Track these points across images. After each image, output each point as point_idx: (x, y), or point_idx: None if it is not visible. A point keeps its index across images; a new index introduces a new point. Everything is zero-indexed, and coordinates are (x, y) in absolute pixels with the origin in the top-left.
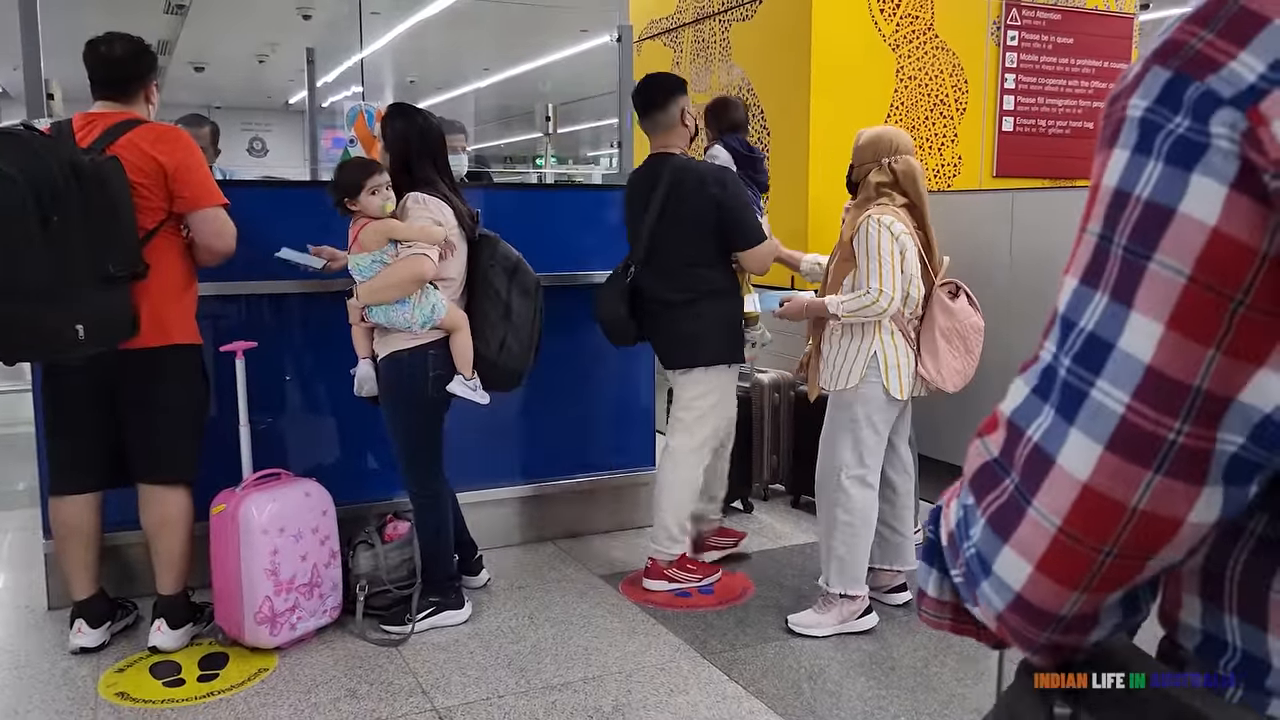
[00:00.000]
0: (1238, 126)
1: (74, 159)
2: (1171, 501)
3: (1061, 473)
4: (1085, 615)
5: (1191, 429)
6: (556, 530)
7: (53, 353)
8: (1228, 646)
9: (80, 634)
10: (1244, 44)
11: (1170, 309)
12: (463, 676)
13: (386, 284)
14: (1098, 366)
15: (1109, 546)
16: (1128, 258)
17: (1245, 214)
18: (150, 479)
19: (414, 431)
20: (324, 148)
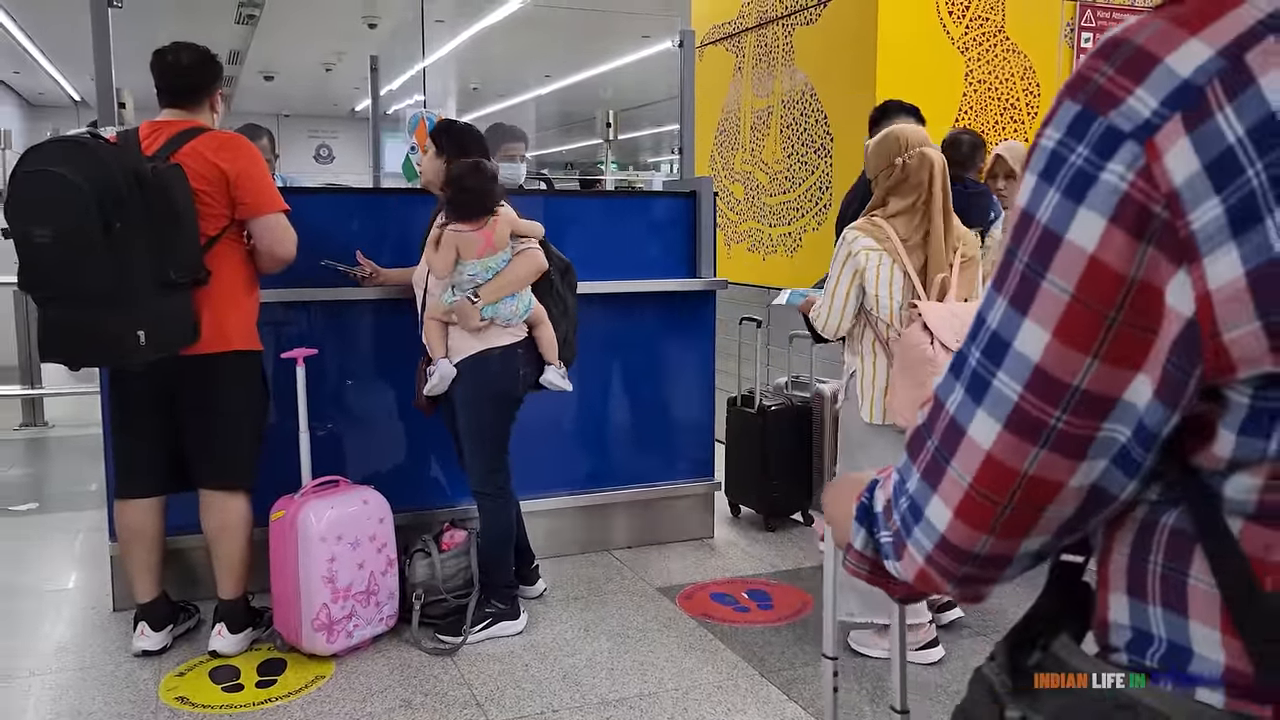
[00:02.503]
0: (1135, 163)
1: (137, 167)
2: (1054, 470)
3: (971, 442)
4: (997, 555)
5: (1070, 418)
6: (613, 541)
7: (115, 358)
8: (1154, 638)
9: (143, 637)
10: (1140, 80)
11: (1055, 321)
12: (517, 689)
13: (516, 278)
14: (999, 360)
15: (1007, 501)
16: (1026, 273)
17: (1119, 245)
18: (210, 484)
19: (493, 430)
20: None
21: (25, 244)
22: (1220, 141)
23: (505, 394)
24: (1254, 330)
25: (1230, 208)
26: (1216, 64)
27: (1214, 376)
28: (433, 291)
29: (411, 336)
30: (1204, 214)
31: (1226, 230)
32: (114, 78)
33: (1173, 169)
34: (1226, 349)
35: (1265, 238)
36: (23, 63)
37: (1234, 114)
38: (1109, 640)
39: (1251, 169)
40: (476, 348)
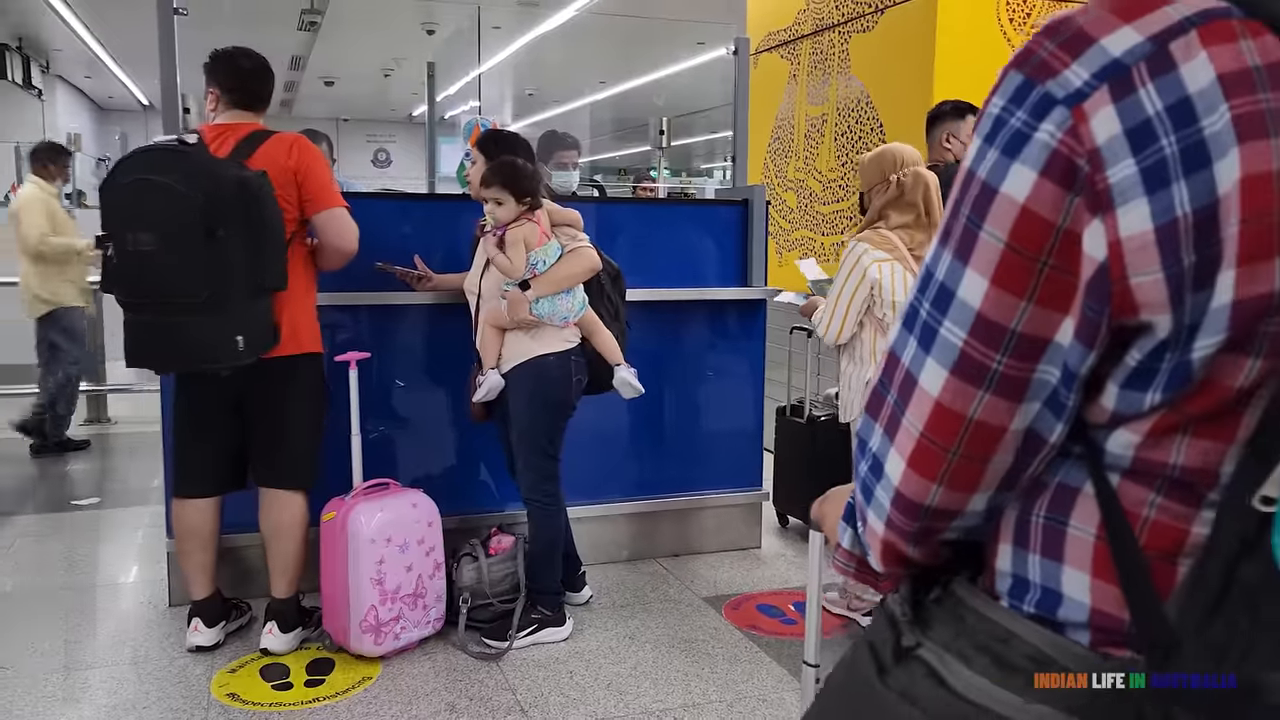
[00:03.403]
0: (1064, 123)
1: (239, 174)
2: (996, 413)
3: (922, 391)
4: (948, 510)
5: (1010, 360)
6: (660, 549)
7: (212, 362)
8: (1030, 585)
9: (197, 632)
10: (1076, 56)
11: (993, 268)
12: (561, 696)
13: (570, 274)
14: (945, 309)
15: (955, 447)
16: (967, 225)
17: (1047, 195)
18: (273, 484)
19: (546, 435)
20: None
21: (125, 251)
22: (1141, 112)
23: (559, 400)
24: (1157, 279)
25: (1144, 169)
26: (1144, 48)
27: (1119, 316)
28: (487, 298)
29: (463, 342)
30: (1120, 171)
31: (1140, 187)
32: (179, 83)
33: (1096, 130)
34: (1132, 292)
35: (1172, 200)
36: (94, 68)
37: (1155, 91)
38: (994, 587)
39: (1166, 139)
40: (532, 353)
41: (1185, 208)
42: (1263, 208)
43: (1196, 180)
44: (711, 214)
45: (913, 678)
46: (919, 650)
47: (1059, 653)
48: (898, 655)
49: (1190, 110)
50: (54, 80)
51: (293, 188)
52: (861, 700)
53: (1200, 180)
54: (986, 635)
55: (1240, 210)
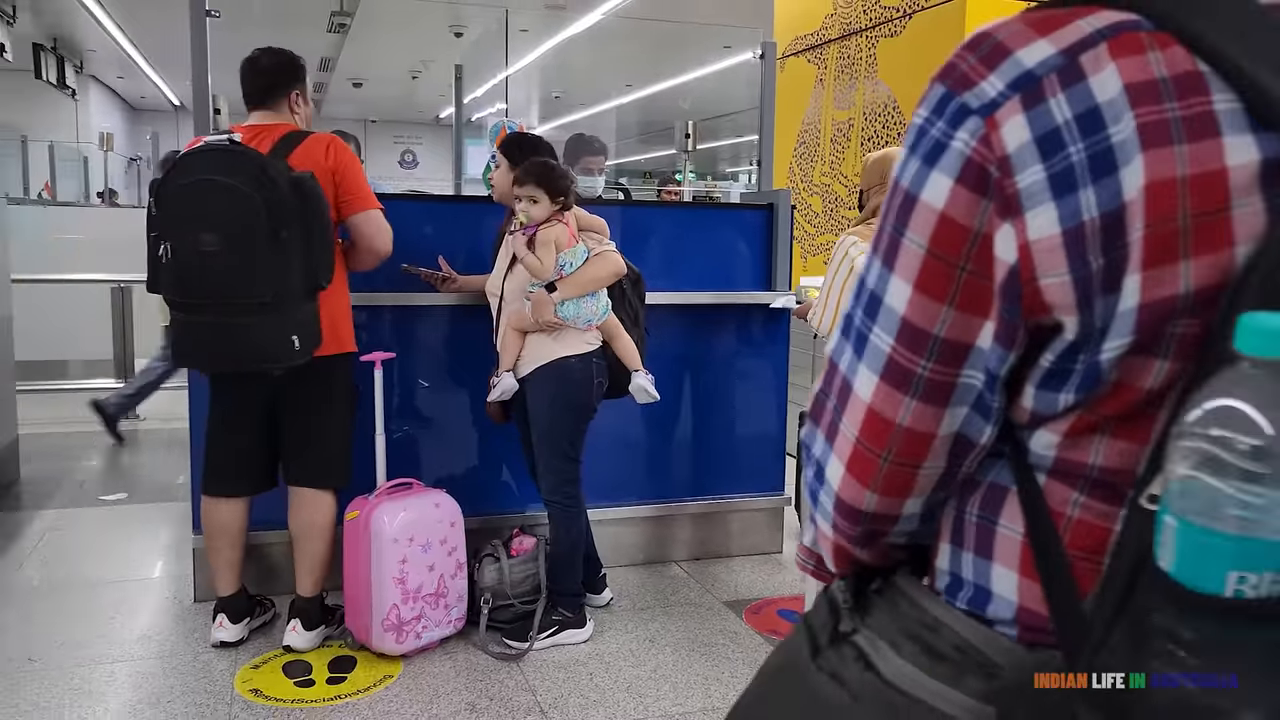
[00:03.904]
0: (977, 132)
1: (293, 175)
2: (924, 420)
3: (856, 397)
4: (886, 515)
5: (934, 365)
6: (680, 553)
7: (268, 362)
8: (964, 583)
9: (221, 628)
10: (993, 68)
11: (915, 274)
12: (581, 698)
13: (595, 278)
14: (874, 316)
15: (885, 453)
16: (893, 233)
17: (963, 201)
18: (305, 483)
19: (567, 437)
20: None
21: (187, 250)
22: (1050, 121)
23: (581, 402)
24: (1065, 281)
25: (1052, 175)
26: (1056, 60)
27: (1030, 316)
28: (509, 300)
29: (485, 343)
30: (1028, 176)
31: (1047, 192)
32: (210, 84)
33: (1007, 138)
34: (1041, 293)
35: (1079, 204)
36: (127, 68)
37: (1065, 101)
38: (935, 584)
39: (1074, 147)
40: (554, 355)
41: (1092, 212)
42: (1166, 213)
43: (1103, 186)
44: (736, 218)
45: (844, 660)
46: (854, 635)
47: (986, 644)
48: (833, 638)
49: (1098, 119)
50: (87, 80)
51: (330, 188)
52: (794, 679)
53: (1107, 186)
54: (917, 624)
55: (1145, 215)
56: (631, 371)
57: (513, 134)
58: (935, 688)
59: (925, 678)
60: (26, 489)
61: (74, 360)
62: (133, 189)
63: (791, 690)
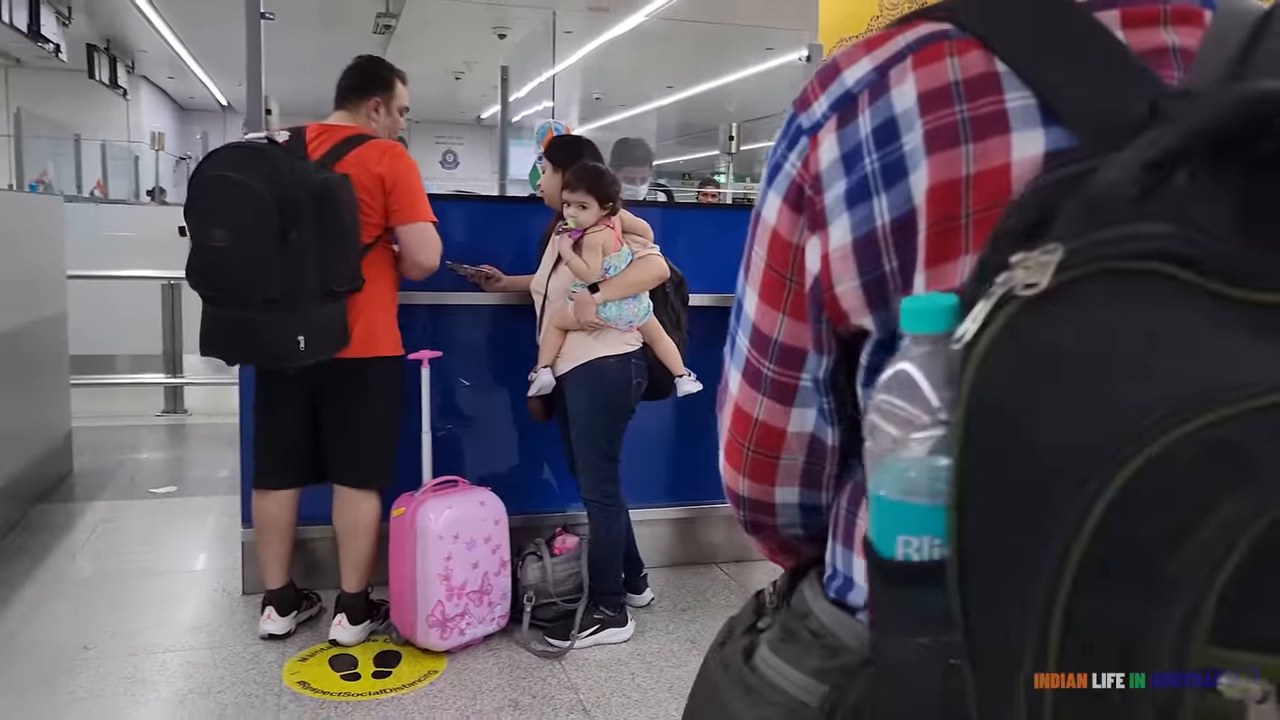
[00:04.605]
0: (803, 153)
1: (312, 177)
2: (774, 416)
3: (729, 391)
4: (759, 500)
5: (776, 368)
6: (720, 554)
7: (274, 360)
8: (837, 573)
9: (270, 620)
10: (824, 89)
11: (759, 284)
12: (623, 698)
13: (638, 281)
14: (738, 319)
15: (748, 443)
16: (748, 247)
17: (787, 218)
18: (347, 482)
19: (605, 436)
20: None
21: (202, 245)
22: (855, 137)
23: (619, 402)
24: (855, 287)
25: (849, 187)
26: (870, 76)
27: (836, 324)
28: (553, 299)
29: (529, 342)
30: (833, 192)
31: (843, 204)
32: (264, 85)
33: (822, 157)
34: (838, 300)
35: (870, 212)
36: (177, 68)
37: (869, 116)
38: (823, 577)
39: (869, 158)
40: (594, 354)
41: (883, 219)
42: (949, 212)
43: (895, 193)
44: None
45: (737, 649)
46: (762, 632)
47: (839, 628)
48: (745, 631)
49: (893, 129)
50: (138, 80)
51: (379, 194)
52: (702, 670)
53: (898, 192)
54: (795, 613)
55: (928, 216)
56: (675, 377)
57: (557, 137)
58: (779, 666)
59: (776, 659)
60: (79, 481)
61: (124, 355)
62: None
63: (698, 680)
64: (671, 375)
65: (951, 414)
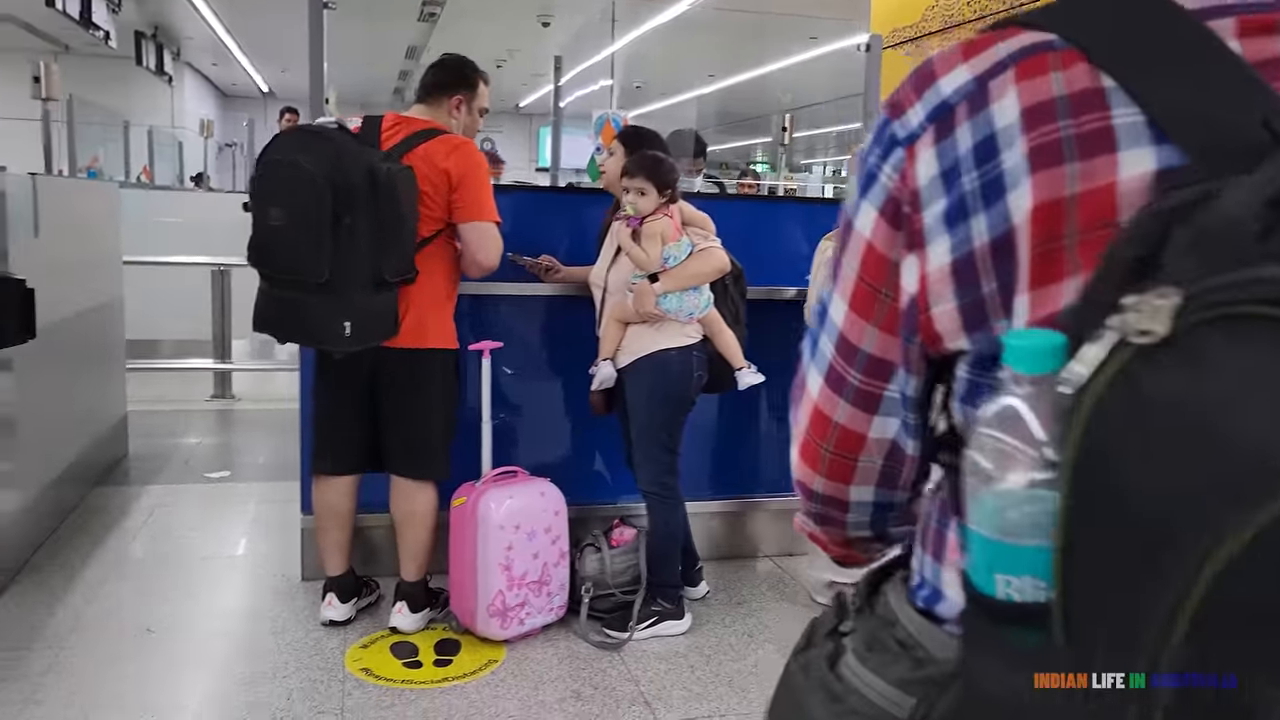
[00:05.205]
0: (899, 165)
1: (373, 166)
2: (856, 422)
3: (808, 392)
4: (833, 497)
5: (862, 377)
6: (771, 547)
7: (319, 342)
8: (925, 582)
9: (331, 607)
10: (919, 96)
11: (850, 294)
12: (684, 691)
13: (698, 273)
14: (824, 324)
15: (827, 445)
16: (839, 253)
17: (883, 233)
18: (401, 473)
19: (665, 429)
20: None
21: (261, 224)
22: (953, 152)
23: (679, 395)
24: (952, 309)
25: (949, 206)
26: (969, 87)
27: (930, 346)
28: (613, 291)
29: (587, 334)
30: (932, 211)
31: (943, 223)
32: (325, 74)
33: (920, 172)
34: (933, 321)
35: (969, 233)
36: (221, 55)
37: (968, 130)
38: (910, 584)
39: (968, 176)
40: (654, 346)
41: (982, 239)
42: (1052, 232)
43: (993, 212)
44: (831, 213)
45: (821, 654)
46: (846, 635)
47: (927, 638)
48: (828, 635)
49: (993, 145)
50: (183, 67)
51: (444, 189)
52: (784, 674)
53: (996, 212)
54: (882, 620)
55: (1031, 237)
56: (735, 370)
57: (631, 127)
58: (865, 675)
59: (861, 667)
60: (134, 465)
61: (170, 340)
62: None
63: (781, 684)
64: (731, 368)
65: (1058, 455)
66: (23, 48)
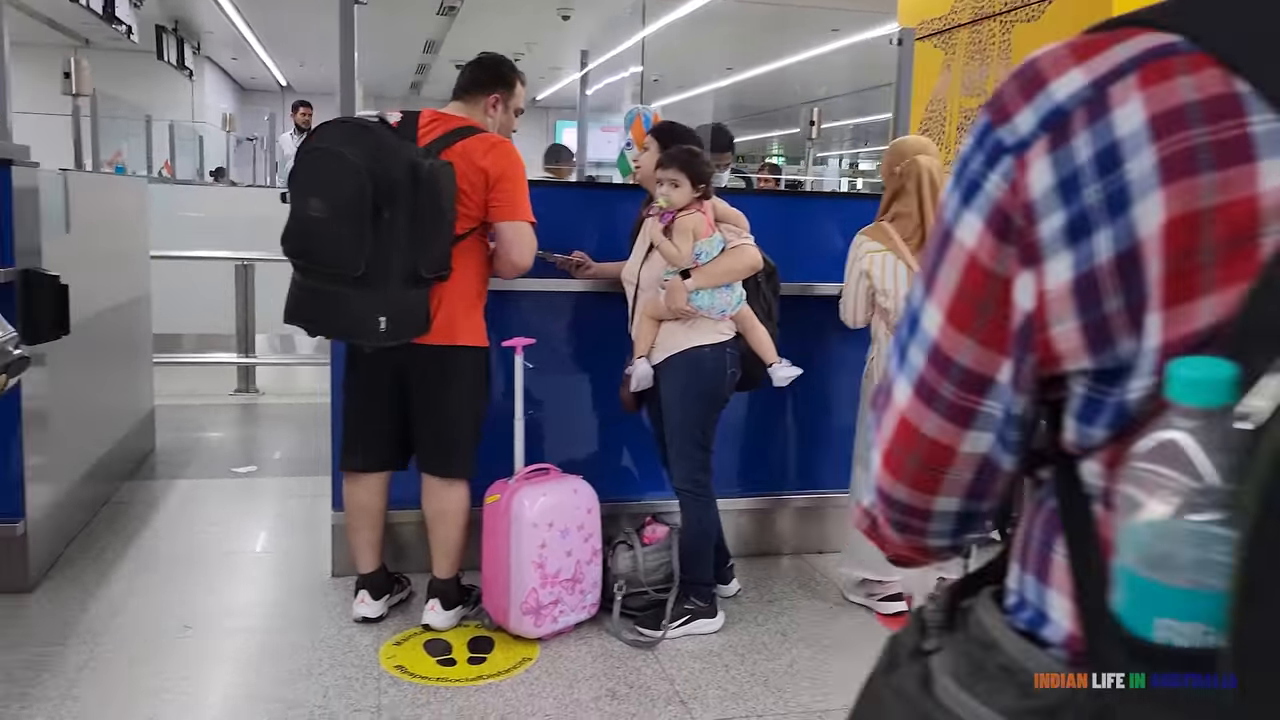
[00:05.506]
0: (1008, 175)
1: (416, 160)
2: (946, 435)
3: (894, 402)
4: (916, 507)
5: (956, 390)
6: (808, 544)
7: (353, 336)
8: (1026, 603)
9: (363, 604)
10: (1028, 100)
11: (947, 305)
12: (719, 690)
13: (730, 270)
14: (913, 333)
15: (913, 456)
16: (933, 260)
17: (989, 245)
18: (430, 471)
19: (699, 426)
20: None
21: (300, 215)
22: (1072, 162)
23: (713, 392)
24: (1074, 327)
25: (1069, 220)
26: (1086, 92)
27: (1044, 366)
28: (645, 288)
29: (618, 330)
30: (1050, 224)
31: (1062, 238)
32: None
33: (1033, 183)
34: (1053, 342)
35: (1092, 248)
36: (240, 49)
37: (1088, 138)
38: (1005, 602)
39: (1090, 188)
40: (688, 343)
41: (1107, 254)
42: (1187, 247)
43: (1119, 226)
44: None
45: (910, 676)
46: (931, 655)
47: (1033, 663)
48: (912, 655)
49: (1117, 155)
50: (203, 61)
51: (481, 187)
52: (868, 695)
53: (1122, 225)
54: (978, 642)
55: (1163, 252)
56: (767, 366)
57: (665, 122)
58: (968, 702)
59: (963, 694)
60: (161, 459)
61: (192, 334)
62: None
63: (866, 705)
64: (764, 365)
65: (1231, 496)
66: (43, 43)
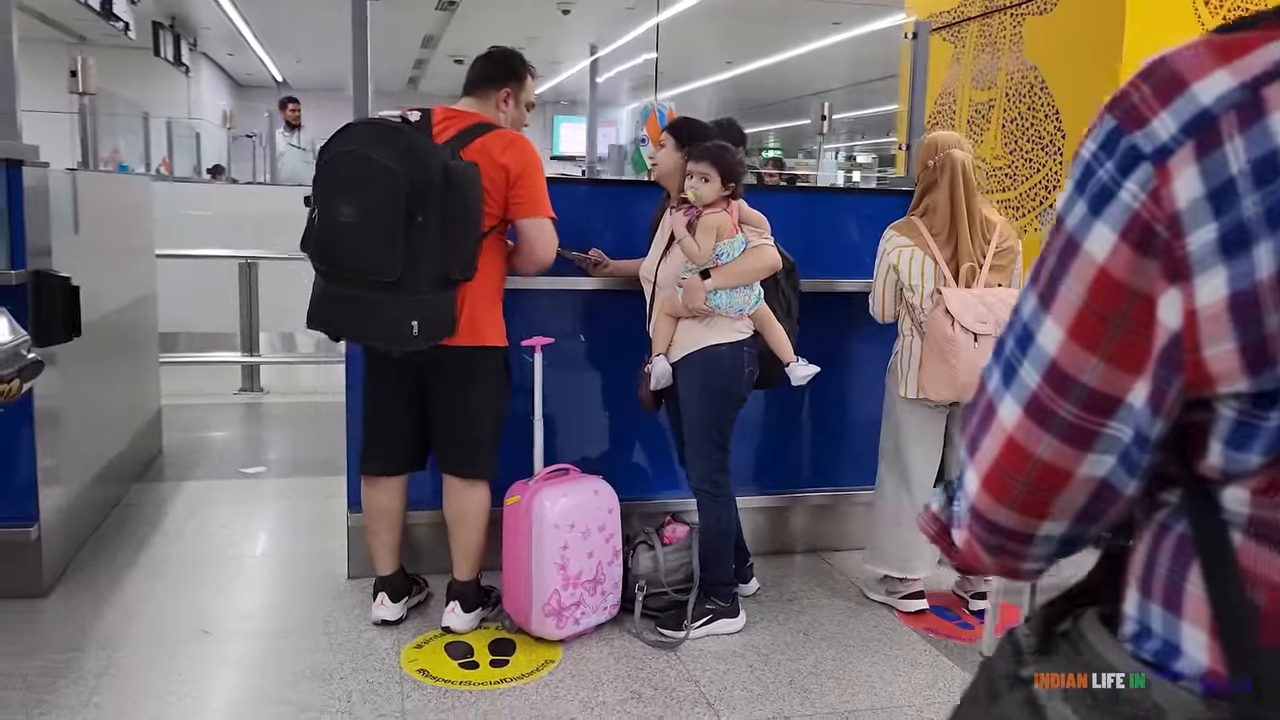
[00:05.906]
0: (1148, 184)
1: (447, 162)
2: (1063, 458)
3: (999, 421)
4: (1018, 531)
5: (1078, 411)
6: (826, 542)
7: (385, 341)
8: (1152, 634)
9: (382, 606)
10: (1166, 104)
11: (1070, 321)
12: (745, 691)
13: (749, 270)
14: (1025, 350)
15: (1022, 479)
16: (1052, 273)
17: (1125, 258)
18: (452, 472)
19: (716, 425)
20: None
21: (328, 220)
22: (1224, 171)
23: (730, 391)
24: (1231, 349)
25: (1224, 234)
26: (1235, 95)
27: (1193, 389)
28: (663, 286)
29: (636, 328)
30: (1200, 238)
31: (1218, 254)
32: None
33: (1178, 193)
34: (1206, 364)
35: (1251, 265)
36: (237, 46)
37: (1241, 145)
38: (1121, 630)
39: (1248, 199)
40: (705, 342)
41: (1269, 270)
42: None
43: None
44: (875, 204)
45: (1017, 706)
46: (1033, 683)
47: (1164, 698)
48: (1011, 683)
49: (1277, 163)
50: (199, 57)
51: (502, 185)
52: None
53: None
54: (1088, 669)
55: None
56: (785, 364)
57: (681, 118)
58: None
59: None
60: (169, 460)
61: (194, 333)
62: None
63: None
64: (781, 364)
65: None
66: (36, 38)
